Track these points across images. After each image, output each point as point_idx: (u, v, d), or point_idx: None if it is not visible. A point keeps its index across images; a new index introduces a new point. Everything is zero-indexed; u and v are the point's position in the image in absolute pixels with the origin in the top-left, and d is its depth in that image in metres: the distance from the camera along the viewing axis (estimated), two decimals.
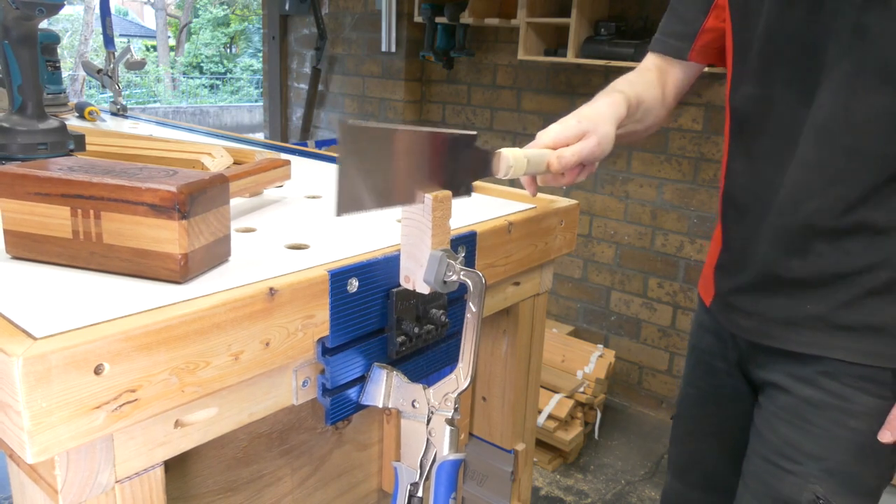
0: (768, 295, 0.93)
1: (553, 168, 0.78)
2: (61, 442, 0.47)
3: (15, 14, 0.79)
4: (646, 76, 1.03)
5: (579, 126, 0.80)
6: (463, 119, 3.28)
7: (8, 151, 0.84)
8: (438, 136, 0.64)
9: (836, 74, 0.82)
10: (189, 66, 18.66)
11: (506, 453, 1.08)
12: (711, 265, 1.04)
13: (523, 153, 0.74)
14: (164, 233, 0.57)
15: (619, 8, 2.69)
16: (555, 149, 0.79)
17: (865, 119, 0.81)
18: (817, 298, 0.89)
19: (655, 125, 1.03)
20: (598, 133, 0.80)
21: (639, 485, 2.45)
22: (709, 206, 2.64)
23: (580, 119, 0.81)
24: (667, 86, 1.03)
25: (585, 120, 0.81)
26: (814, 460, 0.89)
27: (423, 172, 0.63)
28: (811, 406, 0.90)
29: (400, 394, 0.68)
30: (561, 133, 0.79)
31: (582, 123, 0.80)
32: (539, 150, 0.78)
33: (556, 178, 0.80)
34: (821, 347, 0.89)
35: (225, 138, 1.42)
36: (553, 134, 0.79)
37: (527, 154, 0.74)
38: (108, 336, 0.47)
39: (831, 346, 0.88)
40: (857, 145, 0.82)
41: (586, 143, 0.79)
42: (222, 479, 0.74)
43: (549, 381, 2.56)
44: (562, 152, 0.78)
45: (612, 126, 0.84)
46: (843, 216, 0.85)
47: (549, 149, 0.79)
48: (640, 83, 0.99)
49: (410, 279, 0.65)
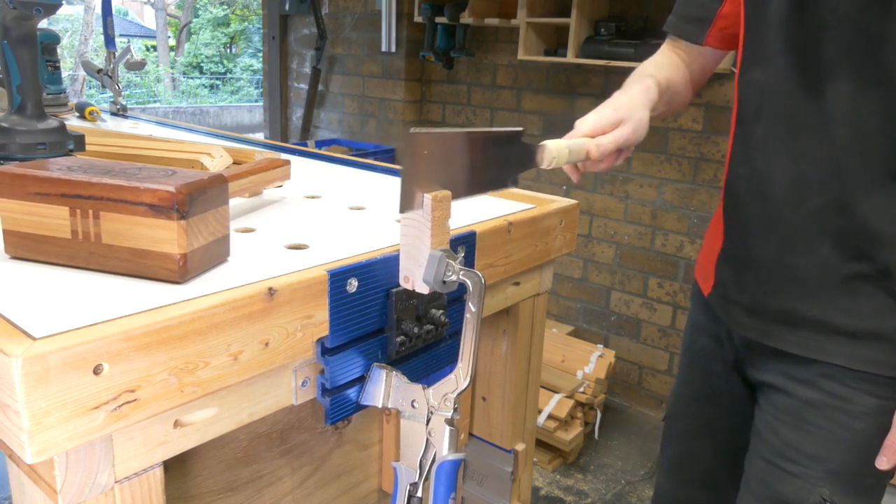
0: (769, 293, 0.92)
1: (592, 156, 0.82)
2: (60, 442, 0.47)
3: (13, 14, 0.79)
4: (672, 59, 1.05)
5: (615, 114, 0.84)
6: (463, 119, 3.28)
7: (7, 151, 0.84)
8: (490, 134, 0.72)
9: (837, 70, 0.81)
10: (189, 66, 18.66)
11: (506, 453, 1.08)
12: (713, 254, 1.03)
13: (565, 144, 0.79)
14: (162, 233, 0.57)
15: (619, 8, 2.69)
16: (593, 137, 0.83)
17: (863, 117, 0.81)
18: (818, 300, 0.88)
19: (682, 106, 1.07)
20: (633, 120, 0.85)
21: (639, 485, 2.45)
22: (709, 206, 2.64)
23: (616, 108, 0.85)
24: (693, 67, 1.06)
25: (621, 108, 0.85)
26: (816, 462, 0.89)
27: (476, 168, 0.70)
28: (811, 407, 0.90)
29: (399, 394, 0.68)
30: (598, 122, 0.84)
31: (618, 112, 0.85)
32: (579, 139, 0.83)
33: (595, 164, 0.85)
34: (820, 352, 0.88)
35: (225, 138, 1.42)
36: (591, 123, 0.84)
37: (568, 144, 0.79)
38: (107, 336, 0.47)
39: (831, 352, 0.87)
40: (856, 143, 0.82)
41: (623, 130, 0.83)
42: (222, 479, 0.74)
43: (549, 381, 2.56)
44: (600, 140, 0.82)
45: (647, 111, 0.88)
46: (845, 216, 0.84)
47: (587, 137, 0.83)
48: (668, 66, 1.03)
49: (410, 279, 0.65)
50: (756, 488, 0.96)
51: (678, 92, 1.02)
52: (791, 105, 0.86)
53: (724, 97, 2.53)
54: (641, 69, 1.00)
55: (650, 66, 1.02)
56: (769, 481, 0.93)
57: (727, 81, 2.51)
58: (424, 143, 0.63)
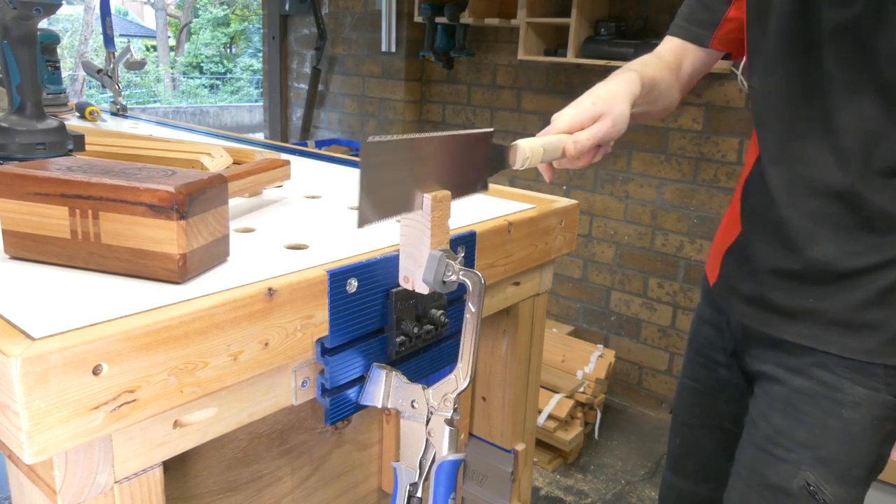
0: (772, 286, 0.94)
1: (569, 153, 0.78)
2: (60, 442, 0.46)
3: (13, 14, 0.79)
4: (662, 59, 1.03)
5: (594, 108, 0.80)
6: (463, 119, 3.28)
7: (6, 151, 0.84)
8: (455, 138, 0.65)
9: (836, 78, 0.83)
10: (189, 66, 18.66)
11: (506, 453, 1.08)
12: (723, 248, 1.05)
13: (539, 142, 0.74)
14: (162, 233, 0.57)
15: (619, 8, 2.69)
16: (570, 133, 0.79)
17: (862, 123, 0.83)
18: (816, 294, 0.90)
19: (668, 108, 1.03)
20: (612, 114, 0.80)
21: (639, 485, 2.45)
22: (709, 206, 2.64)
23: (595, 100, 0.81)
24: (682, 70, 1.04)
25: (600, 101, 0.81)
26: (805, 448, 0.91)
27: (442, 174, 0.64)
28: (804, 396, 0.92)
29: (399, 394, 0.68)
30: (576, 117, 0.79)
31: (597, 105, 0.80)
32: (554, 136, 0.78)
33: (573, 161, 0.81)
34: (815, 340, 0.91)
35: (225, 138, 1.42)
36: (568, 118, 0.79)
37: (542, 143, 0.75)
38: (106, 336, 0.47)
39: (825, 341, 0.90)
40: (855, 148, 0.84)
41: (601, 125, 0.79)
42: (222, 479, 0.74)
43: (549, 381, 2.56)
44: (577, 137, 0.78)
45: (627, 105, 0.83)
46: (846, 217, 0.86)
47: (564, 133, 0.79)
48: (654, 65, 1.00)
49: (410, 279, 0.65)
50: (746, 474, 0.97)
51: (663, 92, 0.99)
52: (793, 111, 0.89)
53: (724, 97, 2.53)
54: (627, 66, 0.97)
55: (636, 63, 0.99)
56: (758, 467, 0.95)
57: (727, 81, 2.51)
58: (382, 152, 0.58)
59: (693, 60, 1.05)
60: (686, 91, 1.07)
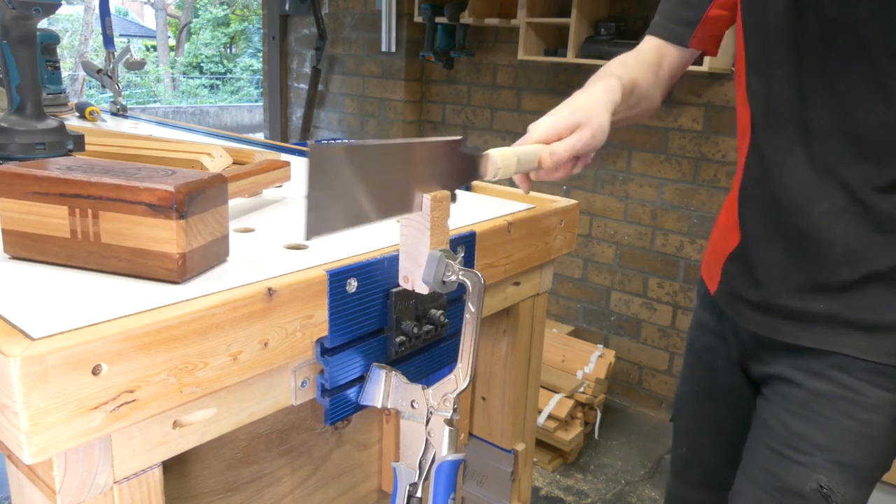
0: (779, 293, 0.92)
1: (545, 165, 0.75)
2: (59, 443, 0.46)
3: (12, 14, 0.79)
4: (643, 59, 1.01)
5: (572, 118, 0.77)
6: (463, 119, 3.28)
7: (6, 151, 0.84)
8: (413, 146, 0.60)
9: (838, 77, 0.82)
10: (189, 66, 18.66)
11: (506, 453, 1.07)
12: (722, 255, 1.02)
13: (513, 152, 0.71)
14: (161, 232, 0.57)
15: (619, 8, 2.69)
16: (547, 143, 0.76)
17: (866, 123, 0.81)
18: (830, 298, 0.88)
19: (649, 110, 1.00)
20: (592, 124, 0.77)
21: (639, 485, 2.45)
22: (709, 206, 2.64)
23: (573, 110, 0.78)
24: (662, 69, 1.02)
25: (579, 110, 0.78)
26: (822, 451, 0.89)
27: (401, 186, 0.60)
28: (821, 398, 0.90)
29: (399, 394, 0.68)
30: (553, 126, 0.76)
31: (575, 115, 0.77)
32: (530, 146, 0.75)
33: (550, 173, 0.77)
34: (832, 344, 0.89)
35: (225, 138, 1.42)
36: (545, 127, 0.76)
37: (517, 153, 0.72)
38: (106, 336, 0.47)
39: (843, 343, 0.88)
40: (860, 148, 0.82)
41: (580, 135, 0.76)
42: (222, 479, 0.74)
43: (549, 381, 2.56)
44: (554, 148, 0.75)
45: (607, 114, 0.80)
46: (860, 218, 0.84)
47: (541, 143, 0.76)
48: (635, 66, 0.97)
49: (409, 279, 0.65)
50: (759, 477, 0.95)
51: (644, 95, 0.96)
52: (795, 111, 0.87)
53: (724, 97, 2.53)
54: (606, 68, 0.94)
55: (616, 66, 0.96)
56: (773, 469, 0.93)
57: (727, 81, 2.51)
58: (331, 159, 0.53)
59: (672, 60, 1.03)
60: (667, 91, 1.04)
